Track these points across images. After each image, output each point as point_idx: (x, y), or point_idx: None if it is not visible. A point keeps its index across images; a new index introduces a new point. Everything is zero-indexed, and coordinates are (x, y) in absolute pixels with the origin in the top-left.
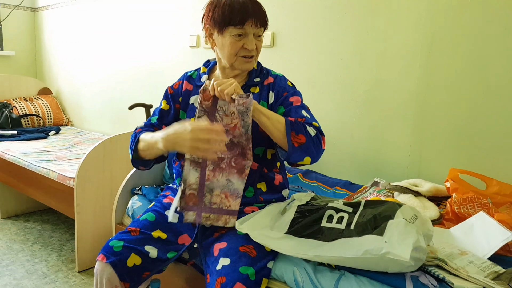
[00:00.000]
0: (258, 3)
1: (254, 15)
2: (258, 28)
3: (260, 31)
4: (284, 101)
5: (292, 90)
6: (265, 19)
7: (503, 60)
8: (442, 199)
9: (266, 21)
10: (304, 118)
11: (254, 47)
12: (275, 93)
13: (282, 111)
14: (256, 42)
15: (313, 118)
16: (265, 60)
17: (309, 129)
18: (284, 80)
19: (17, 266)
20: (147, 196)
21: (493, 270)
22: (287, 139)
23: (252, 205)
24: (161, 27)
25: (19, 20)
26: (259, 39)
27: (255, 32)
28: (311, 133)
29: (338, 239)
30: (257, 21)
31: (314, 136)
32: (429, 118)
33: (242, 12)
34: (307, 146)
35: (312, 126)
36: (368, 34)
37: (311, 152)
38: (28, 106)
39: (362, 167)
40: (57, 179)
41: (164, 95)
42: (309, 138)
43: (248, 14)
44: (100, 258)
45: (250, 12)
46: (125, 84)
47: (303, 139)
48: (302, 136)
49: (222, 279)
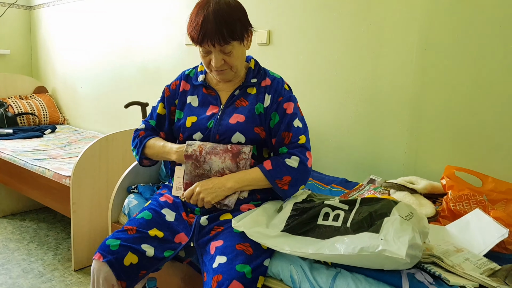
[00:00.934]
0: (222, 17)
1: (210, 36)
2: (220, 46)
3: (227, 48)
4: (279, 107)
5: (287, 95)
6: (225, 36)
7: (498, 57)
8: (438, 196)
9: (227, 37)
10: (290, 133)
11: (219, 64)
12: (271, 96)
13: (277, 120)
14: (224, 57)
15: (300, 130)
16: (261, 58)
17: (289, 162)
18: (281, 83)
19: (13, 265)
20: (143, 194)
21: (489, 267)
22: (275, 188)
23: (248, 203)
24: (156, 25)
25: (14, 18)
26: (228, 54)
27: (220, 49)
28: (294, 166)
29: (334, 237)
30: (214, 41)
31: (298, 167)
32: (425, 116)
33: (199, 32)
34: (295, 181)
35: (294, 152)
36: (363, 31)
37: (301, 181)
38: (23, 105)
39: (358, 165)
40: (53, 177)
41: (161, 95)
42: (293, 173)
43: (204, 35)
44: (96, 257)
45: (207, 32)
46: (121, 82)
47: (288, 178)
48: (286, 177)
49: (219, 277)
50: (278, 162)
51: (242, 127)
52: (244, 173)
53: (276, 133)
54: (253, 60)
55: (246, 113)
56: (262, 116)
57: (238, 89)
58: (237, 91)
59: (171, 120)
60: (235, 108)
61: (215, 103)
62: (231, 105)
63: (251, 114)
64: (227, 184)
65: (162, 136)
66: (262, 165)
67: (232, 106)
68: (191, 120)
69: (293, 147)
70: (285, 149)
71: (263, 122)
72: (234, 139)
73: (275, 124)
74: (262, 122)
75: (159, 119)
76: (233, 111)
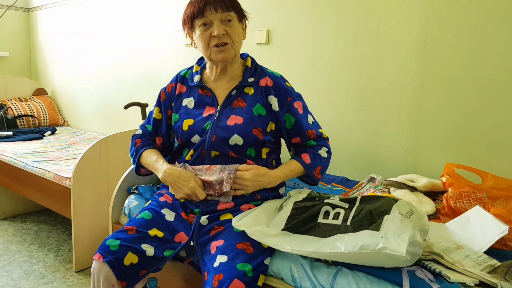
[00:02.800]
0: None
1: (213, 1)
2: (221, 13)
3: (228, 16)
4: (290, 108)
5: (294, 93)
6: (227, 2)
7: (497, 55)
8: (438, 194)
9: (228, 5)
10: (313, 131)
11: (221, 33)
12: (277, 99)
13: (293, 121)
14: (226, 27)
15: (317, 124)
16: (260, 57)
17: (321, 153)
18: (284, 82)
19: (15, 267)
20: (144, 195)
21: (489, 264)
22: (312, 178)
23: (249, 203)
24: (155, 25)
25: (13, 20)
26: (229, 24)
27: (221, 17)
28: (325, 156)
29: (335, 235)
30: (216, 6)
31: (327, 157)
32: (425, 114)
33: (200, 2)
34: (324, 169)
35: (322, 143)
36: (362, 30)
37: (327, 168)
38: (23, 107)
39: (358, 163)
40: (53, 179)
41: (157, 99)
42: (324, 162)
43: (206, 2)
44: (97, 257)
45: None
46: (120, 84)
47: (319, 168)
48: (318, 167)
49: (220, 276)
50: (315, 155)
51: (240, 129)
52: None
53: (299, 132)
54: (250, 58)
55: (244, 115)
56: (262, 118)
57: (235, 89)
58: (234, 91)
59: (168, 125)
60: (232, 109)
61: (212, 104)
62: (228, 105)
63: (250, 115)
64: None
65: (158, 142)
66: (301, 159)
67: (229, 106)
68: (188, 123)
69: (319, 140)
70: (313, 142)
71: (263, 123)
72: (232, 141)
73: (292, 125)
74: (261, 123)
75: (156, 123)
76: (231, 112)
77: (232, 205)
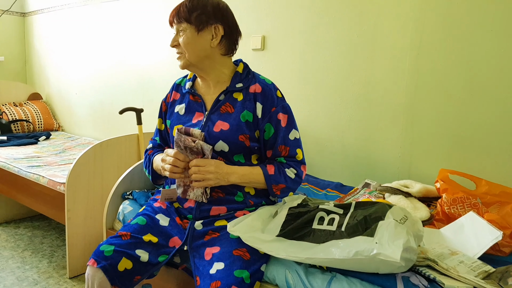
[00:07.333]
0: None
1: (172, 15)
2: (176, 24)
3: (180, 27)
4: (272, 119)
5: (280, 104)
6: (180, 14)
7: (490, 61)
8: (432, 200)
9: (182, 16)
10: (287, 147)
11: (172, 44)
12: (262, 107)
13: (272, 132)
14: (180, 38)
15: (297, 144)
16: (255, 63)
17: (288, 172)
18: (273, 91)
19: (7, 273)
20: (138, 200)
21: (483, 270)
22: (269, 191)
23: (243, 209)
24: (150, 30)
25: (9, 25)
26: (180, 34)
27: (177, 28)
28: (291, 176)
29: (329, 241)
30: (173, 18)
31: (294, 179)
32: (419, 119)
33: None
34: (287, 189)
35: (292, 164)
36: (357, 37)
37: (292, 190)
38: (18, 112)
39: (353, 169)
40: (47, 184)
41: (159, 111)
42: (289, 183)
43: (170, 15)
44: (90, 263)
45: (173, 11)
46: (116, 89)
47: (282, 186)
48: (281, 185)
49: (217, 283)
50: (280, 170)
51: (226, 136)
52: (248, 172)
53: (272, 145)
54: (242, 64)
55: (231, 121)
56: (250, 124)
57: (223, 93)
58: (222, 96)
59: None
60: (220, 115)
61: (200, 110)
62: (216, 111)
63: (236, 122)
64: (230, 178)
65: None
66: (265, 168)
67: (217, 112)
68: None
69: (290, 160)
70: (283, 159)
71: (250, 130)
72: (218, 147)
73: (270, 137)
74: (248, 130)
75: (161, 134)
76: (218, 118)
77: (225, 210)
